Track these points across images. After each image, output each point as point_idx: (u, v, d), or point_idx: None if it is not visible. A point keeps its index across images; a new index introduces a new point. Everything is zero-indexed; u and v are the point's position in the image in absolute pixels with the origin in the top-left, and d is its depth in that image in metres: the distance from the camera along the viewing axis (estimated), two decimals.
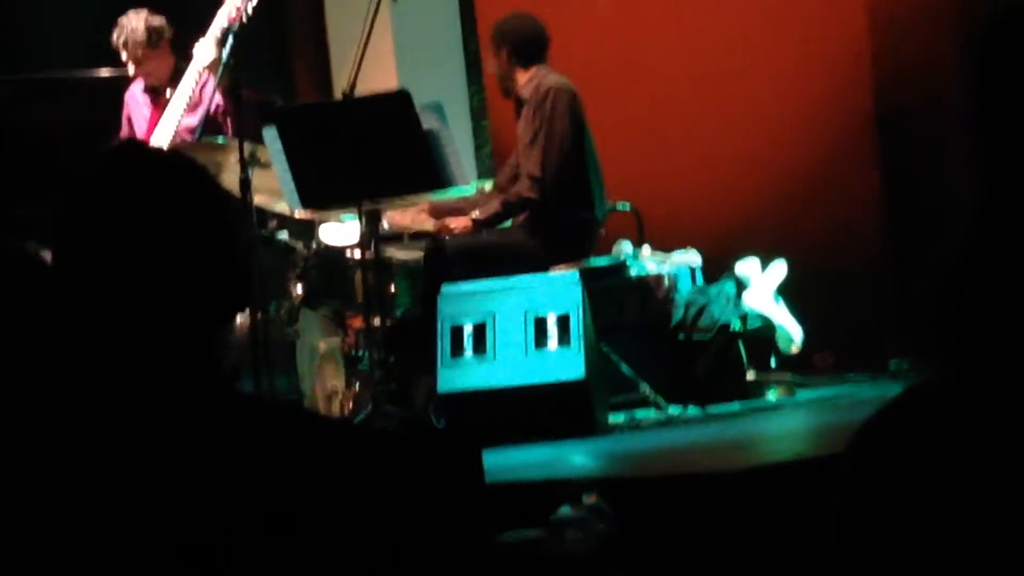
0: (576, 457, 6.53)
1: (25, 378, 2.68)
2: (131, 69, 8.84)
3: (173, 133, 8.53)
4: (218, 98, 8.42)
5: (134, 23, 8.80)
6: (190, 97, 8.49)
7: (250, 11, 8.17)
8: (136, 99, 8.99)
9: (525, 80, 8.14)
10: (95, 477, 2.21)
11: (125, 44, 8.80)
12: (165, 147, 8.34)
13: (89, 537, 2.17)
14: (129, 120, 8.98)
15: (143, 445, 2.22)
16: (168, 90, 8.74)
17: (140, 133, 8.85)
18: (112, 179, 2.37)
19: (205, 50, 8.28)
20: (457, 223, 8.04)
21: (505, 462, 5.90)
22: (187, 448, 2.22)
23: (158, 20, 8.86)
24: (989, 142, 1.52)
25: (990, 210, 1.51)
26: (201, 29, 8.55)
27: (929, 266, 1.58)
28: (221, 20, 8.21)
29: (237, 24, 8.07)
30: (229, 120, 8.23)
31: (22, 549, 2.17)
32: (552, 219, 7.89)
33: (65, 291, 2.35)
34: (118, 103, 9.10)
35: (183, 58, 8.67)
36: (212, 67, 8.22)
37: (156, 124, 8.74)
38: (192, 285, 2.30)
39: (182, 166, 2.39)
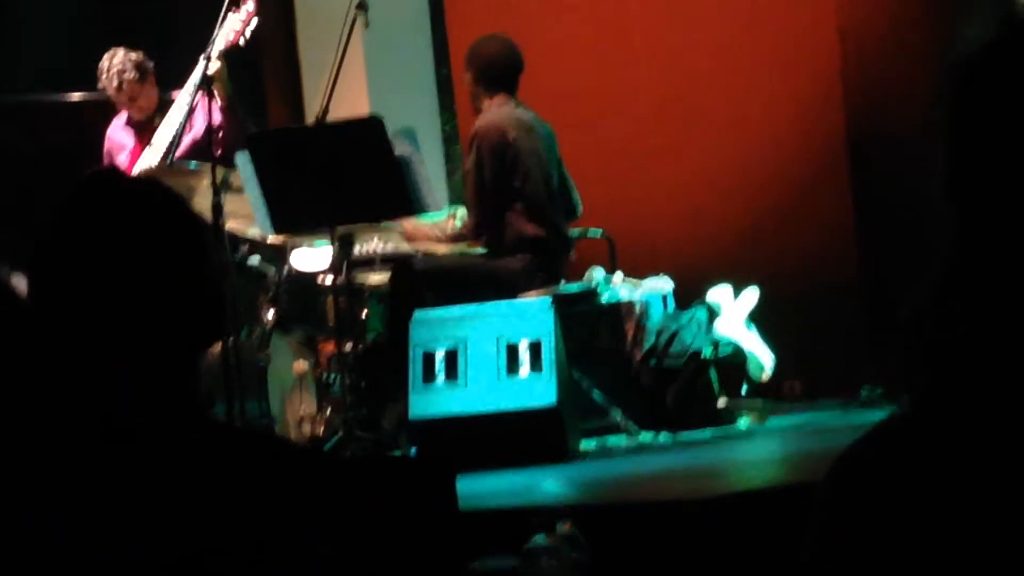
0: (548, 484, 6.53)
1: None
2: (122, 106, 8.83)
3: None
4: (214, 118, 8.37)
5: (123, 64, 8.79)
6: (182, 124, 8.47)
7: (248, 34, 8.19)
8: (118, 134, 8.98)
9: (485, 108, 8.16)
10: (68, 506, 2.21)
11: (119, 86, 8.79)
12: (138, 172, 8.35)
13: (65, 565, 2.16)
14: (110, 155, 8.97)
15: (117, 475, 2.21)
16: (154, 120, 8.74)
17: (122, 167, 8.84)
18: (86, 206, 2.36)
19: (202, 69, 8.26)
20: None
21: (477, 489, 5.89)
22: (161, 477, 2.21)
23: (140, 55, 8.86)
24: (964, 177, 1.53)
25: (965, 243, 1.52)
26: (181, 61, 8.56)
27: (904, 297, 1.58)
28: (220, 42, 8.21)
29: (236, 46, 8.11)
30: (223, 137, 8.17)
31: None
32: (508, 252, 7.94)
33: (40, 318, 2.34)
34: (89, 127, 9.09)
35: (167, 90, 8.68)
36: (208, 87, 8.20)
37: (139, 156, 8.74)
38: (168, 313, 2.29)
39: (157, 194, 2.38)
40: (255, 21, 8.23)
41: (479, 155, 7.95)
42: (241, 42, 8.21)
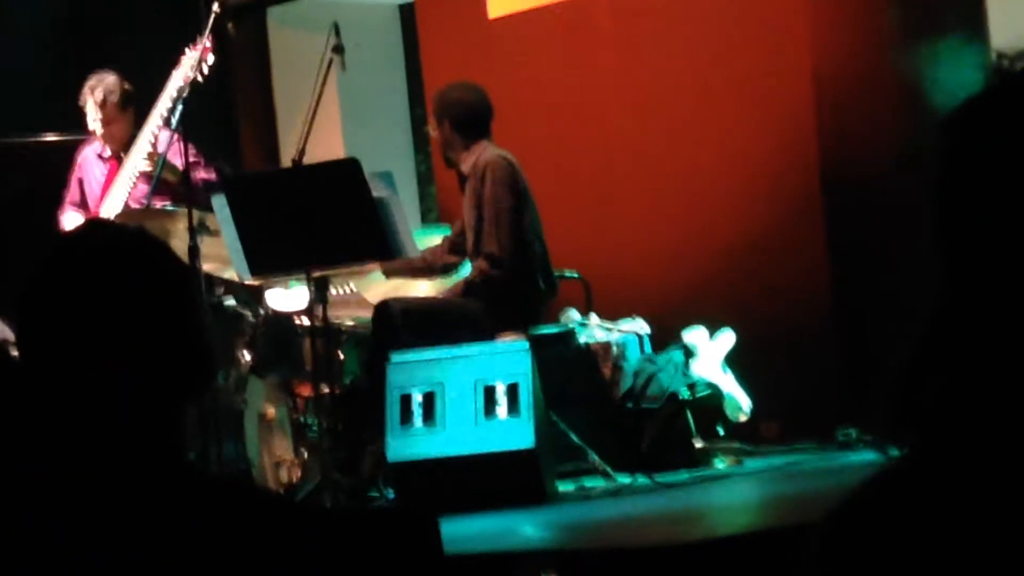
0: (527, 527, 6.52)
1: None
2: (97, 128, 8.83)
3: (126, 200, 8.53)
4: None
5: (113, 83, 8.80)
6: (144, 162, 8.49)
7: (205, 71, 8.20)
8: (90, 161, 8.99)
9: (468, 155, 8.14)
10: (51, 556, 2.21)
11: (103, 103, 8.79)
12: (116, 213, 8.35)
13: None
14: (80, 182, 8.97)
15: (99, 527, 2.21)
16: (123, 155, 8.75)
17: (92, 196, 8.86)
18: (74, 257, 2.36)
19: (159, 113, 8.28)
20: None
21: (455, 532, 5.88)
22: (142, 530, 2.21)
23: (127, 84, 8.87)
24: (952, 228, 1.54)
25: (952, 293, 1.53)
26: (151, 97, 8.58)
27: (879, 341, 1.60)
28: (176, 82, 8.22)
29: (190, 86, 8.11)
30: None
31: None
32: (504, 288, 7.90)
33: (28, 369, 2.34)
34: (57, 170, 9.08)
35: (137, 125, 8.69)
36: (166, 129, 8.22)
37: (107, 187, 8.75)
38: (156, 366, 2.29)
39: (145, 245, 2.38)
40: (212, 59, 8.23)
41: (495, 188, 7.92)
42: (199, 79, 8.21)
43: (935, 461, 1.52)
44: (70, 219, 8.81)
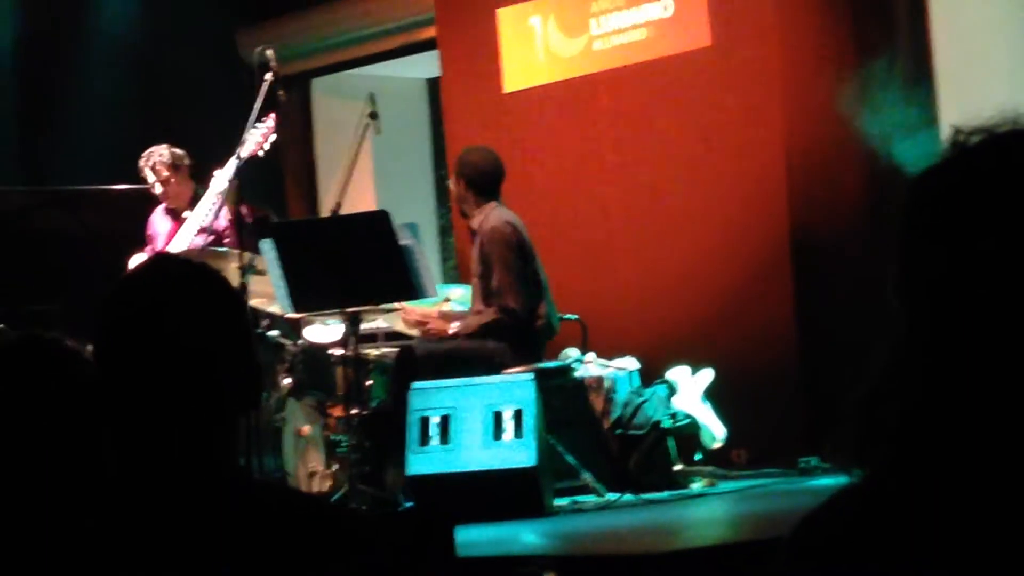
0: (528, 535, 6.51)
1: (62, 461, 2.66)
2: (157, 189, 8.83)
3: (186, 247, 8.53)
4: (226, 217, 8.39)
5: (161, 150, 8.81)
6: (205, 220, 8.48)
7: (267, 147, 8.22)
8: (158, 219, 8.98)
9: (478, 213, 8.12)
10: (115, 558, 2.20)
11: (153, 167, 8.79)
12: (181, 253, 8.36)
13: None
14: (152, 237, 8.96)
15: (164, 529, 2.21)
16: (187, 212, 8.75)
17: (157, 246, 8.85)
18: (147, 286, 2.36)
19: (223, 179, 8.28)
20: (436, 325, 8.03)
21: (466, 538, 5.86)
22: (202, 529, 2.21)
23: (180, 150, 8.87)
24: (911, 279, 1.54)
25: (911, 335, 1.53)
26: (215, 160, 8.59)
27: (841, 380, 1.60)
28: (242, 153, 8.24)
29: (256, 156, 8.14)
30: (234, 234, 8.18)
31: None
32: (514, 330, 7.90)
33: (104, 382, 2.34)
34: (130, 214, 9.08)
35: (201, 185, 8.69)
36: (226, 194, 8.22)
37: (171, 239, 8.75)
38: (216, 382, 2.29)
39: (208, 277, 2.38)
40: (274, 136, 8.25)
41: (504, 251, 7.88)
42: (261, 153, 8.23)
43: (892, 481, 1.51)
44: (136, 259, 8.82)
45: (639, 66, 9.61)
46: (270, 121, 8.23)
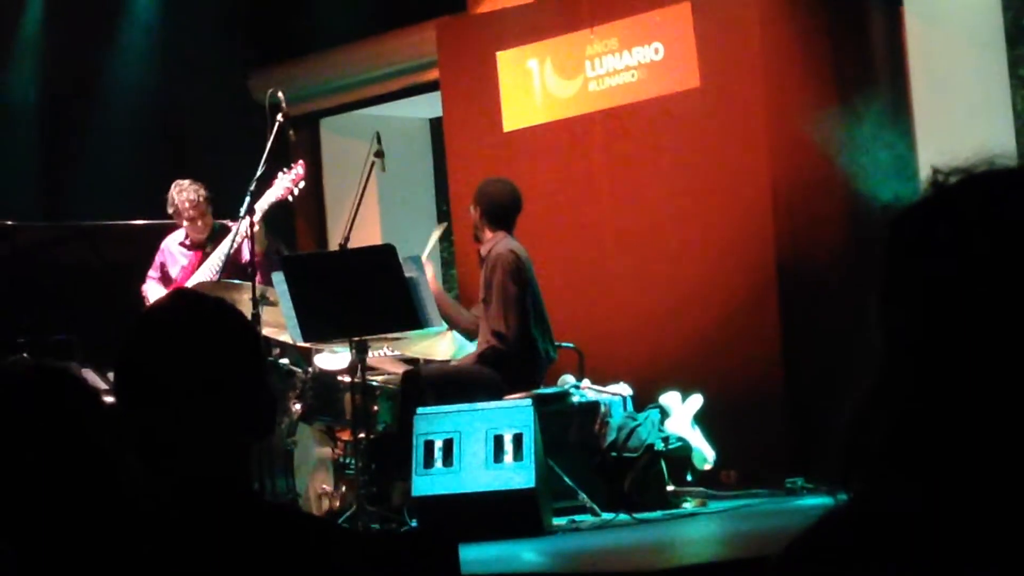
0: (527, 553, 6.50)
1: (78, 485, 2.65)
2: (185, 224, 8.82)
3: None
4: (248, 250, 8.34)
5: (195, 190, 8.78)
6: (227, 257, 8.46)
7: (296, 193, 8.22)
8: (172, 249, 8.94)
9: (489, 240, 8.15)
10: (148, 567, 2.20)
11: (187, 205, 8.74)
12: (195, 286, 8.34)
13: None
14: (163, 266, 8.93)
15: (186, 547, 2.21)
16: (207, 246, 8.74)
17: (174, 277, 8.83)
18: (167, 319, 2.37)
19: (250, 219, 8.26)
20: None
21: (468, 556, 5.85)
22: (217, 550, 2.21)
23: (206, 190, 8.85)
24: (890, 310, 1.55)
25: (890, 363, 1.53)
26: (227, 196, 8.60)
27: (824, 406, 1.60)
28: (270, 198, 8.24)
29: (284, 201, 8.15)
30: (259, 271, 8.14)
31: None
32: (512, 357, 7.90)
33: (122, 412, 2.34)
34: (146, 248, 9.08)
35: (217, 220, 8.69)
36: (254, 233, 8.22)
37: (191, 273, 8.73)
38: (232, 411, 2.30)
39: (223, 309, 2.39)
40: (303, 183, 8.26)
41: (504, 278, 7.91)
42: (290, 198, 8.24)
43: (876, 503, 1.52)
44: (152, 289, 8.81)
45: (632, 106, 9.63)
46: (300, 168, 8.24)
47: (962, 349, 1.46)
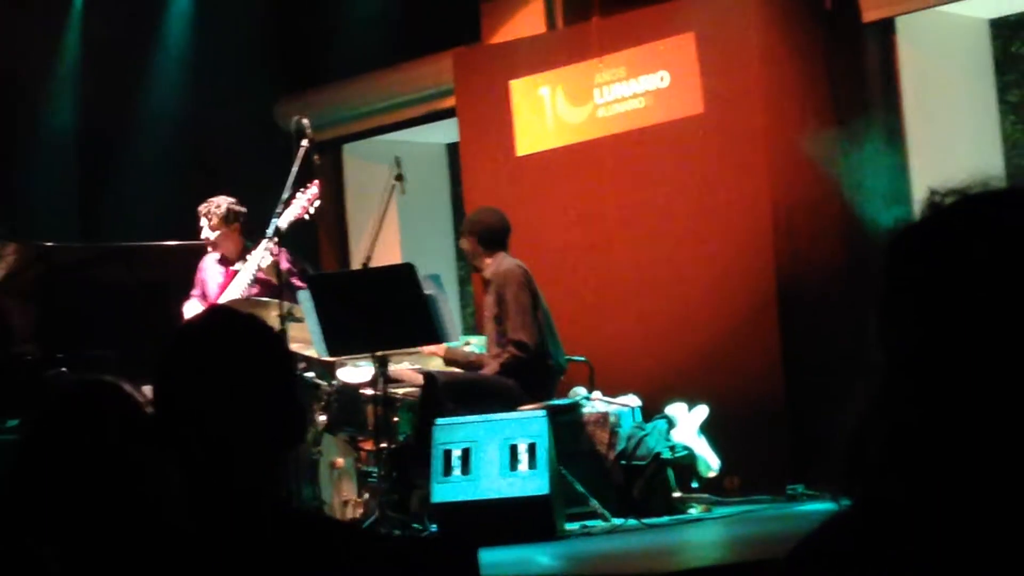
0: (541, 557, 6.49)
1: (124, 495, 2.66)
2: (206, 235, 8.83)
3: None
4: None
5: (220, 201, 8.80)
6: (254, 275, 8.47)
7: (313, 211, 8.23)
8: (209, 265, 8.95)
9: (489, 264, 8.16)
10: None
11: (208, 216, 8.78)
12: (227, 302, 8.34)
13: None
14: (203, 283, 8.95)
15: (222, 551, 2.21)
16: (238, 263, 8.74)
17: (210, 293, 8.84)
18: (201, 335, 2.38)
19: (271, 241, 8.27)
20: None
21: (485, 560, 5.85)
22: (255, 551, 2.22)
23: (237, 206, 8.86)
24: (890, 328, 1.55)
25: (891, 378, 1.54)
26: (255, 217, 8.61)
27: (839, 417, 1.60)
28: (289, 217, 8.25)
29: (301, 220, 8.16)
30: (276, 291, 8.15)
31: None
32: (527, 369, 7.90)
33: (162, 423, 2.35)
34: (178, 268, 9.09)
35: (249, 239, 8.69)
36: (278, 253, 8.23)
37: (224, 289, 8.74)
38: (264, 422, 2.30)
39: (258, 327, 2.39)
40: (318, 202, 8.27)
41: (517, 290, 7.92)
42: (306, 217, 8.24)
43: (877, 508, 1.52)
44: (191, 306, 8.82)
45: (639, 131, 9.64)
46: (314, 188, 8.25)
47: (959, 362, 1.46)
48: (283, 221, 8.22)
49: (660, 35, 9.57)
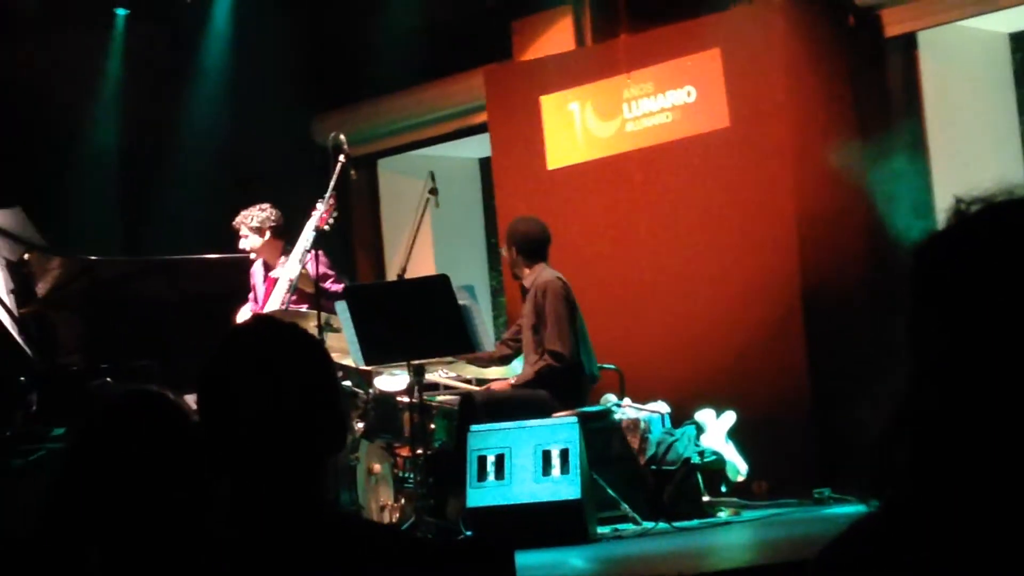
0: (574, 560, 6.50)
1: (172, 499, 2.67)
2: (247, 247, 8.91)
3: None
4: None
5: (254, 212, 8.86)
6: (291, 284, 8.51)
7: (332, 220, 8.25)
8: (256, 271, 9.04)
9: (528, 274, 8.16)
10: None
11: (242, 225, 8.87)
12: (268, 313, 8.37)
13: None
14: (253, 287, 9.04)
15: (271, 553, 2.22)
16: (278, 269, 8.80)
17: (259, 299, 8.92)
18: (245, 344, 2.37)
19: (302, 247, 8.31)
20: (499, 385, 8.10)
21: (518, 563, 5.85)
22: (302, 552, 2.22)
23: (266, 213, 8.91)
24: (920, 332, 1.55)
25: (920, 380, 1.54)
26: (294, 230, 8.65)
27: (852, 425, 1.60)
28: (311, 226, 8.28)
29: (322, 229, 8.17)
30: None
31: None
32: (562, 378, 7.90)
33: (207, 431, 2.35)
34: (217, 280, 9.14)
35: (290, 244, 8.73)
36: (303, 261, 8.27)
37: (268, 295, 8.80)
38: (307, 426, 2.30)
39: (302, 336, 2.39)
40: (335, 213, 8.29)
41: (554, 302, 7.92)
42: (326, 227, 8.26)
43: (906, 509, 1.52)
44: (244, 311, 8.89)
45: (667, 145, 9.64)
46: (331, 199, 8.25)
47: (986, 368, 1.46)
48: (304, 233, 8.27)
49: (687, 51, 9.57)
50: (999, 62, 9.76)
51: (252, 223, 8.86)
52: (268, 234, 8.89)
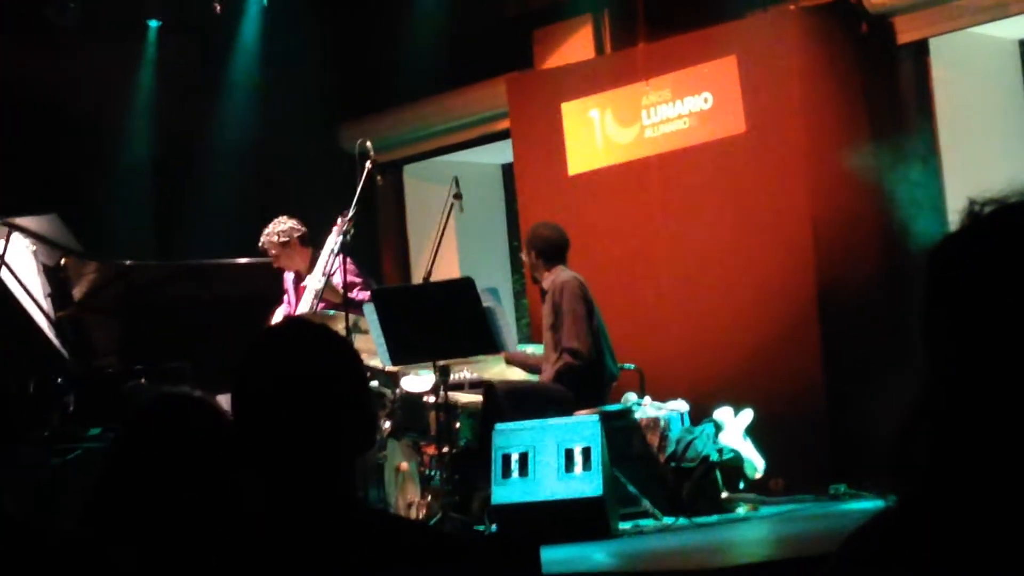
0: (596, 555, 6.49)
1: (207, 498, 2.67)
2: (281, 264, 8.98)
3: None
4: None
5: (279, 227, 8.90)
6: (317, 293, 8.54)
7: (349, 238, 8.25)
8: (287, 276, 9.10)
9: (547, 276, 8.14)
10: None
11: (267, 241, 8.92)
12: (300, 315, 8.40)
13: None
14: (287, 291, 9.09)
15: (304, 548, 2.22)
16: (308, 276, 8.84)
17: (292, 303, 8.97)
18: (277, 345, 2.38)
19: (326, 257, 8.33)
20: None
21: (543, 557, 5.85)
22: (333, 547, 2.22)
23: (287, 225, 8.94)
24: (934, 332, 1.54)
25: (935, 378, 1.53)
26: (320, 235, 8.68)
27: (867, 423, 1.60)
28: (333, 238, 8.30)
29: (341, 244, 8.19)
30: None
31: None
32: (582, 376, 7.90)
33: (240, 429, 2.35)
34: (248, 284, 9.19)
35: (318, 250, 8.76)
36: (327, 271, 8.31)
37: (299, 301, 8.84)
38: (338, 425, 2.30)
39: (333, 338, 2.39)
40: (352, 228, 8.30)
41: (573, 300, 7.92)
42: (348, 238, 8.28)
43: (923, 505, 1.51)
44: (278, 313, 8.95)
45: (684, 151, 9.64)
46: (349, 212, 8.25)
47: (1000, 367, 1.45)
48: (327, 244, 8.32)
49: (703, 59, 9.57)
50: (1009, 68, 9.74)
51: (278, 240, 8.90)
52: (296, 245, 8.93)
